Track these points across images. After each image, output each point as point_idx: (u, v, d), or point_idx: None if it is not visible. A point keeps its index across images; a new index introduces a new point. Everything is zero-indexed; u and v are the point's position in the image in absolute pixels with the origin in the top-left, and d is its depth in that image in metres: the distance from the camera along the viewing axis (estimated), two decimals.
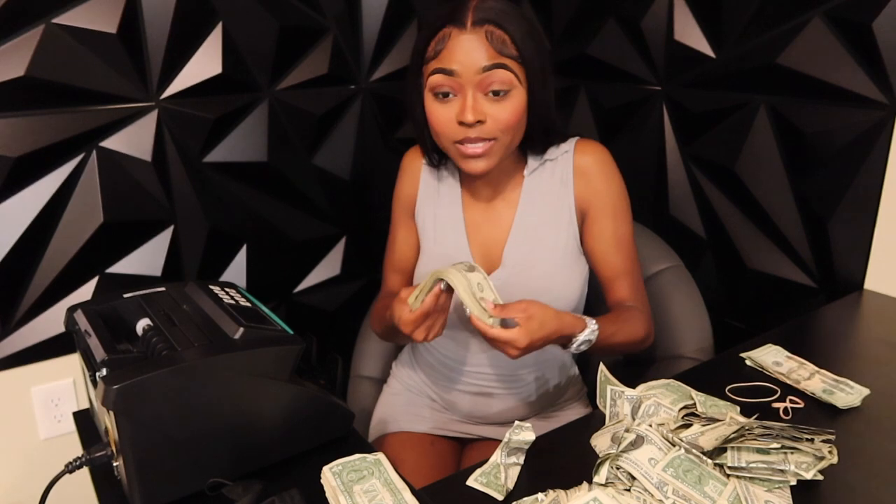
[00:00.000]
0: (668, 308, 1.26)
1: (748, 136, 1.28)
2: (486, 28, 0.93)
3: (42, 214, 1.21)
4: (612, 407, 0.83)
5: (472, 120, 0.94)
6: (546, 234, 1.06)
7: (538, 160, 1.07)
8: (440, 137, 1.00)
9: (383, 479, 0.72)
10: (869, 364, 0.97)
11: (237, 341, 0.92)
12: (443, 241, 1.10)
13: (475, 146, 0.96)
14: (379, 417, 1.24)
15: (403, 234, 1.18)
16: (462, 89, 0.95)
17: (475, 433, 1.18)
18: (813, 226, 1.23)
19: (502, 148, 0.98)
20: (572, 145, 1.06)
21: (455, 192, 1.12)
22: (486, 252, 1.09)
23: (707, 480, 0.67)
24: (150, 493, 0.88)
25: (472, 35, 0.93)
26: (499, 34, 0.94)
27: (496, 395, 1.13)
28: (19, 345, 1.26)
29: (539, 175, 1.07)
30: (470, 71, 0.93)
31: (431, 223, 1.12)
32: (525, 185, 1.07)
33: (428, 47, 0.97)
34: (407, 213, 1.17)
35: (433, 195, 1.13)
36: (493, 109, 0.95)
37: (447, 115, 0.96)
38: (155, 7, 1.22)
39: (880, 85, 1.10)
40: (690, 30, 1.35)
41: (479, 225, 1.10)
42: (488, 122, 0.95)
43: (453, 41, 0.94)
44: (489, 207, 1.10)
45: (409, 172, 1.16)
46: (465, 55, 0.93)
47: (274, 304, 1.53)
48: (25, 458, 1.33)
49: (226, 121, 1.36)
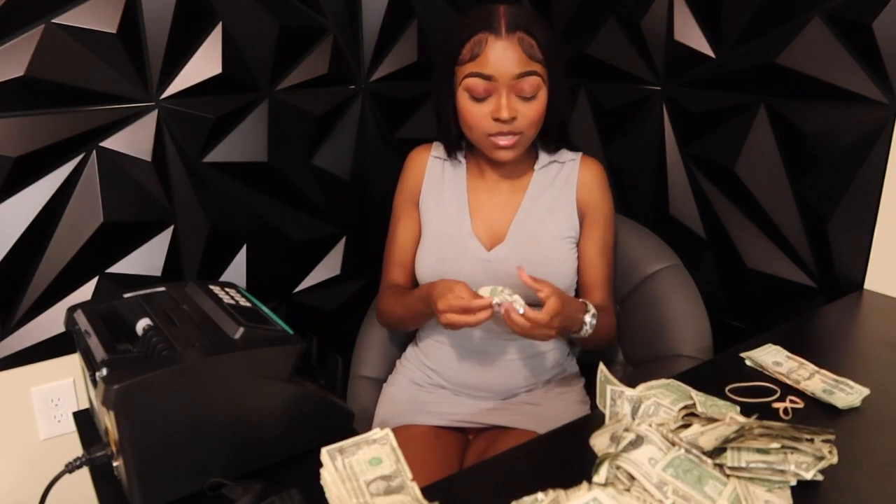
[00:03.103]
0: (667, 308, 1.26)
1: (748, 136, 1.28)
2: (519, 35, 1.05)
3: (42, 214, 1.21)
4: (612, 407, 0.83)
5: (507, 117, 1.06)
6: (550, 217, 1.18)
7: (548, 158, 1.22)
8: (473, 131, 1.12)
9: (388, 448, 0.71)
10: (869, 364, 0.97)
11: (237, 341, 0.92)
12: (446, 220, 1.20)
13: (506, 139, 1.09)
14: (382, 413, 1.26)
15: (405, 224, 1.26)
16: (497, 90, 1.06)
17: (481, 421, 1.19)
18: (813, 226, 1.23)
19: (527, 140, 1.12)
20: (579, 157, 1.22)
21: (460, 178, 1.23)
22: (490, 228, 1.19)
23: (707, 480, 0.67)
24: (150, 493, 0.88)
25: (506, 42, 1.04)
26: (528, 40, 1.05)
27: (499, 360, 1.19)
28: (19, 345, 1.26)
29: (546, 171, 1.21)
30: (505, 76, 1.05)
31: (436, 205, 1.22)
32: (535, 176, 1.21)
33: (462, 50, 1.07)
34: (411, 201, 1.26)
35: (438, 182, 1.24)
36: (523, 108, 1.08)
37: (482, 112, 1.08)
38: (155, 7, 1.22)
39: (880, 85, 1.10)
40: (690, 30, 1.35)
41: (483, 205, 1.21)
42: (519, 119, 1.08)
43: (489, 47, 1.05)
44: (494, 191, 1.21)
45: (414, 167, 1.26)
46: (501, 61, 1.05)
47: (274, 304, 1.53)
48: (25, 458, 1.33)
49: (226, 121, 1.36)
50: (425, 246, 1.21)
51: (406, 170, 1.27)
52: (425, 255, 1.20)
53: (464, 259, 1.17)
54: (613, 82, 1.53)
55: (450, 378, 1.22)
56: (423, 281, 1.20)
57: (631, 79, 1.48)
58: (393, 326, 1.33)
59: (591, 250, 1.20)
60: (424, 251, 1.21)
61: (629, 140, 1.53)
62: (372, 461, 0.68)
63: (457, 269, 1.15)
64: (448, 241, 1.19)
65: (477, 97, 1.07)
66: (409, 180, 1.26)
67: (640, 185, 1.51)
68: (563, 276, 1.17)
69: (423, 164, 1.25)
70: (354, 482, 0.66)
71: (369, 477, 0.67)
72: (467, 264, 1.16)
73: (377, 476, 0.67)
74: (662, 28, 1.40)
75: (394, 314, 1.23)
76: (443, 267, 1.17)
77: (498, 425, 1.18)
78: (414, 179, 1.25)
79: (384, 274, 1.28)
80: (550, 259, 1.16)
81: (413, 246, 1.25)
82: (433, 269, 1.18)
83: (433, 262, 1.18)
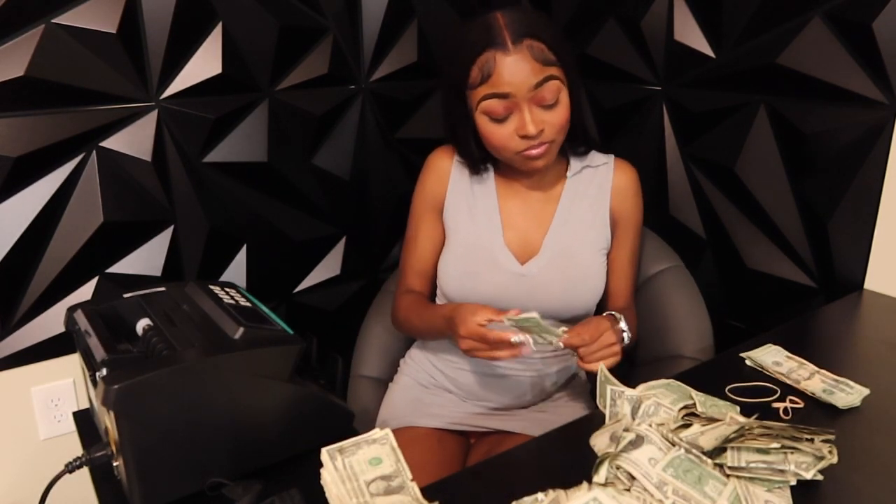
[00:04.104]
0: (668, 308, 1.26)
1: (748, 136, 1.28)
2: (527, 43, 0.97)
3: (42, 214, 1.21)
4: (612, 407, 0.83)
5: (534, 132, 0.99)
6: (585, 228, 1.14)
7: (580, 163, 1.16)
8: (501, 151, 1.05)
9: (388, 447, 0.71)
10: (869, 364, 0.97)
11: (237, 341, 0.92)
12: (476, 231, 1.14)
13: (537, 150, 1.02)
14: (384, 413, 1.25)
15: (426, 232, 1.19)
16: (517, 106, 0.99)
17: (484, 425, 1.18)
18: (813, 226, 1.22)
19: (557, 147, 1.06)
20: (612, 160, 1.17)
21: (490, 188, 1.16)
22: (523, 241, 1.14)
23: (707, 480, 0.67)
24: (150, 492, 0.88)
25: (516, 55, 0.97)
26: (538, 45, 0.98)
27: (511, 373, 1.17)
28: (19, 345, 1.26)
29: (580, 178, 1.16)
30: (522, 90, 0.98)
31: (465, 215, 1.15)
32: (567, 185, 1.15)
33: (471, 73, 1.00)
34: (434, 210, 1.19)
35: (466, 192, 1.17)
36: (548, 116, 1.01)
37: (507, 132, 1.02)
38: (155, 7, 1.22)
39: (880, 85, 1.10)
40: (690, 30, 1.35)
41: (515, 216, 1.15)
42: (546, 129, 1.01)
43: (500, 65, 0.97)
44: (526, 201, 1.15)
45: (436, 171, 1.18)
46: (515, 77, 0.97)
47: (274, 304, 1.53)
48: (25, 458, 1.33)
49: (226, 121, 1.36)
50: (451, 257, 1.15)
51: (427, 172, 1.19)
52: (452, 268, 1.14)
53: (495, 273, 1.11)
54: (613, 82, 1.53)
55: (459, 384, 1.19)
56: (449, 294, 1.15)
57: (631, 79, 1.48)
58: (407, 334, 1.29)
59: (622, 259, 1.17)
60: (451, 263, 1.15)
61: (629, 140, 1.53)
62: (372, 461, 0.68)
63: (487, 283, 1.11)
64: (478, 253, 1.12)
65: (497, 118, 1.01)
66: (430, 185, 1.18)
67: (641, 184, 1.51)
68: (596, 290, 1.13)
69: (446, 168, 1.17)
70: (354, 482, 0.66)
71: (369, 477, 0.67)
72: (499, 278, 1.11)
73: (377, 476, 0.67)
74: (662, 28, 1.40)
75: (411, 325, 1.18)
76: (472, 280, 1.12)
77: (501, 430, 1.17)
78: (437, 185, 1.18)
79: (402, 278, 1.23)
80: (586, 275, 1.11)
81: (434, 255, 1.19)
82: (461, 283, 1.12)
83: (461, 275, 1.13)
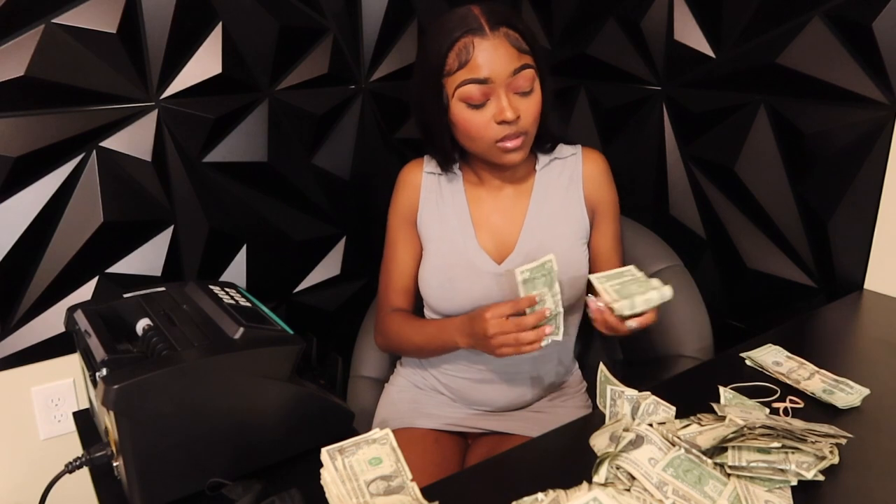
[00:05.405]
0: (667, 308, 1.26)
1: (748, 136, 1.28)
2: (503, 30, 0.99)
3: (42, 214, 1.21)
4: (612, 407, 0.83)
5: (513, 118, 1.00)
6: (559, 222, 1.13)
7: (548, 157, 1.16)
8: (477, 141, 1.04)
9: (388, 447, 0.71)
10: (869, 364, 0.97)
11: (237, 341, 0.92)
12: (450, 237, 1.14)
13: (513, 140, 1.03)
14: (382, 415, 1.25)
15: (404, 247, 1.19)
16: (494, 92, 1.00)
17: (481, 426, 1.18)
18: (813, 226, 1.23)
19: (531, 140, 1.06)
20: (579, 150, 1.17)
21: (458, 191, 1.16)
22: (497, 240, 1.14)
23: (707, 480, 0.67)
24: (150, 493, 0.88)
25: (493, 40, 0.98)
26: (513, 34, 1.00)
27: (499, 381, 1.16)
28: (19, 345, 1.26)
29: (549, 171, 1.16)
30: (501, 75, 0.99)
31: (437, 223, 1.15)
32: (538, 178, 1.15)
33: (448, 59, 1.00)
34: (408, 222, 1.18)
35: (435, 199, 1.17)
36: (523, 105, 1.02)
37: (484, 119, 1.02)
38: (155, 7, 1.22)
39: (880, 85, 1.10)
40: (690, 30, 1.35)
41: (487, 217, 1.15)
42: (522, 117, 1.02)
43: (478, 49, 0.98)
44: (497, 200, 1.15)
45: (407, 185, 1.19)
46: (493, 61, 0.98)
47: (274, 304, 1.53)
48: (25, 459, 1.33)
49: (226, 121, 1.36)
50: (428, 266, 1.15)
51: (399, 188, 1.19)
52: (431, 277, 1.14)
53: (473, 276, 1.10)
54: (613, 82, 1.53)
55: (453, 389, 1.19)
56: (432, 305, 1.15)
57: (631, 79, 1.48)
58: (398, 352, 1.27)
59: (605, 245, 1.16)
60: (429, 272, 1.14)
61: (629, 140, 1.53)
62: (372, 461, 0.68)
63: (467, 288, 1.10)
64: (454, 259, 1.12)
65: (475, 104, 1.01)
66: (403, 199, 1.18)
67: (641, 185, 1.51)
68: (578, 280, 1.12)
69: (416, 181, 1.17)
70: (354, 482, 0.66)
71: (369, 477, 0.67)
72: (478, 281, 1.10)
73: (377, 476, 0.67)
74: (662, 28, 1.40)
75: (407, 342, 1.16)
76: (452, 286, 1.11)
77: (499, 431, 1.17)
78: (408, 198, 1.18)
79: (383, 297, 1.21)
80: (565, 265, 1.08)
81: (414, 270, 1.18)
82: (442, 292, 1.12)
83: (440, 283, 1.12)
